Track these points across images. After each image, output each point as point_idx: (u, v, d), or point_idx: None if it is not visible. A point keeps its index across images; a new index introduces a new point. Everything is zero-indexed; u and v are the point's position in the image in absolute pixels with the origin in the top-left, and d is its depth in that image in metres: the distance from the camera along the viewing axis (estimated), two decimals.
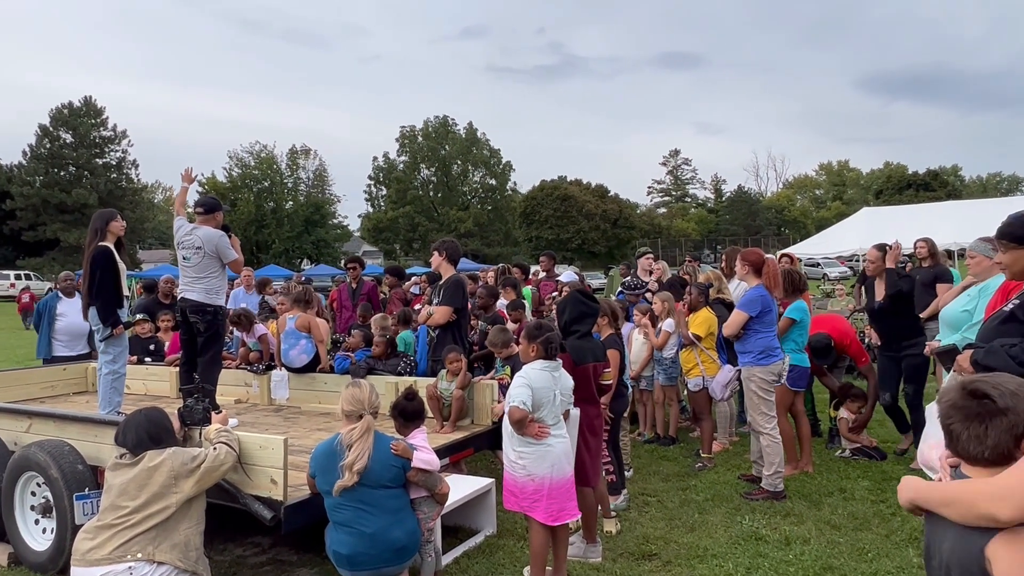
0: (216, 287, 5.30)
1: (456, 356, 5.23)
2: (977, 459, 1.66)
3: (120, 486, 3.39)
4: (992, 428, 1.62)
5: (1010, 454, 1.62)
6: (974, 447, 1.65)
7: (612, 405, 4.82)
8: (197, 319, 5.26)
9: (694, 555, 4.24)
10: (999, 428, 1.62)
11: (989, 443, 1.63)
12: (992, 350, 3.15)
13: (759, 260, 5.31)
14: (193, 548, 3.42)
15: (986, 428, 1.63)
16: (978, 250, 4.29)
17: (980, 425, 1.64)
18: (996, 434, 1.62)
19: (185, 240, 5.36)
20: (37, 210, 48.64)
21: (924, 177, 61.02)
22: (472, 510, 4.71)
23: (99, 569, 3.26)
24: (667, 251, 50.37)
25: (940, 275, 7.82)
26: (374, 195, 62.54)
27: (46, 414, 4.71)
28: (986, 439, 1.63)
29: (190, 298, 5.29)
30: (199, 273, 5.26)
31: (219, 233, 5.36)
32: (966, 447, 1.67)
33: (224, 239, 5.33)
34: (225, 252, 5.32)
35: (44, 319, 7.30)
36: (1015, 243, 3.20)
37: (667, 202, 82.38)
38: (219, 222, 5.50)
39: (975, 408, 1.65)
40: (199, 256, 5.26)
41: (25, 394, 6.54)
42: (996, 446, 1.62)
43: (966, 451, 1.68)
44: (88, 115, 52.00)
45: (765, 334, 5.17)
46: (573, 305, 4.34)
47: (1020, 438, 1.62)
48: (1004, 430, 1.61)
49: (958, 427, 1.68)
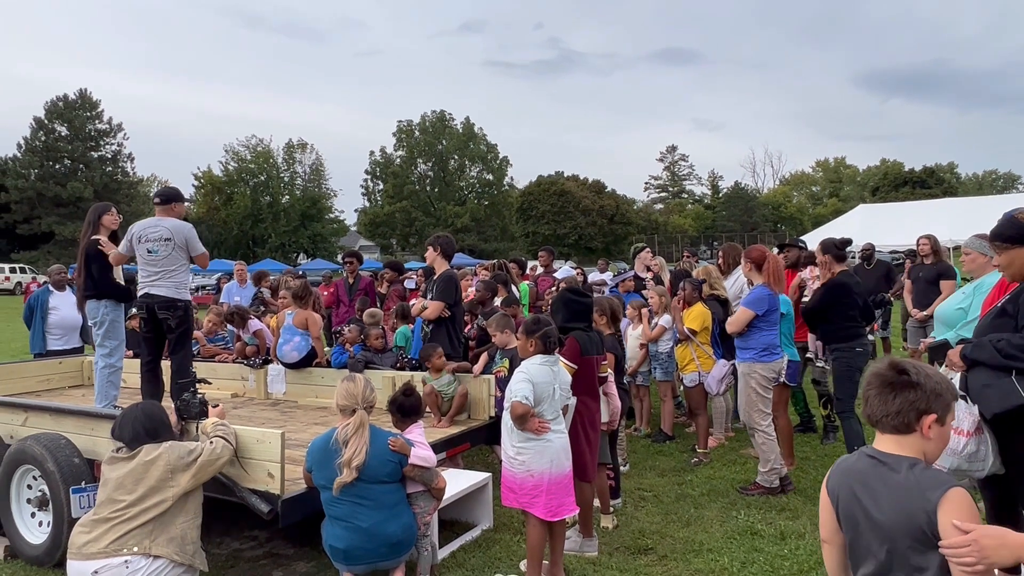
0: (184, 281, 5.08)
1: (439, 354, 5.25)
2: (881, 422, 1.86)
3: (116, 480, 3.39)
4: (899, 397, 1.83)
5: (910, 424, 1.82)
6: (879, 411, 1.85)
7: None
8: (167, 315, 4.98)
9: (690, 549, 4.26)
10: (905, 399, 1.82)
11: (893, 408, 1.83)
12: (979, 344, 3.22)
13: (761, 257, 5.31)
14: (190, 542, 3.43)
15: (894, 396, 1.83)
16: (973, 247, 4.30)
17: (891, 393, 1.84)
18: (901, 403, 1.82)
19: (149, 233, 4.98)
20: (32, 203, 48.45)
21: (920, 174, 61.15)
22: (469, 504, 4.72)
23: (95, 562, 3.26)
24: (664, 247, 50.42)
25: (943, 272, 7.80)
26: (371, 190, 62.48)
27: (42, 407, 4.71)
28: (891, 405, 1.83)
29: (158, 294, 4.95)
30: (168, 267, 4.96)
31: (188, 225, 5.10)
32: (874, 410, 1.87)
33: (193, 231, 5.09)
34: (194, 244, 5.05)
35: (36, 313, 7.27)
36: (1008, 243, 3.23)
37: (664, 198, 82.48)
38: (179, 214, 5.17)
39: (891, 377, 1.85)
40: (168, 248, 4.94)
41: (21, 388, 6.54)
42: (899, 413, 1.82)
43: (873, 413, 1.88)
44: (83, 108, 51.78)
45: (768, 332, 5.18)
46: (565, 305, 4.30)
47: (922, 413, 1.81)
48: (909, 402, 1.82)
49: (873, 391, 1.88)
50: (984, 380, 3.16)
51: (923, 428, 1.82)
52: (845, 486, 1.91)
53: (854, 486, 1.88)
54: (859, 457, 1.92)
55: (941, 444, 1.86)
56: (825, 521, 2.00)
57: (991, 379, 3.13)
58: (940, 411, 1.82)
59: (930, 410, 1.82)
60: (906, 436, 1.83)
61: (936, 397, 1.82)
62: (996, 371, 3.13)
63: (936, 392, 1.82)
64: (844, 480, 1.92)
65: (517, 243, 59.48)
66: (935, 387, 1.82)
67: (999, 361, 3.09)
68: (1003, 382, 3.09)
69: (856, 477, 1.89)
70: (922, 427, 1.82)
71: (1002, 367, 3.10)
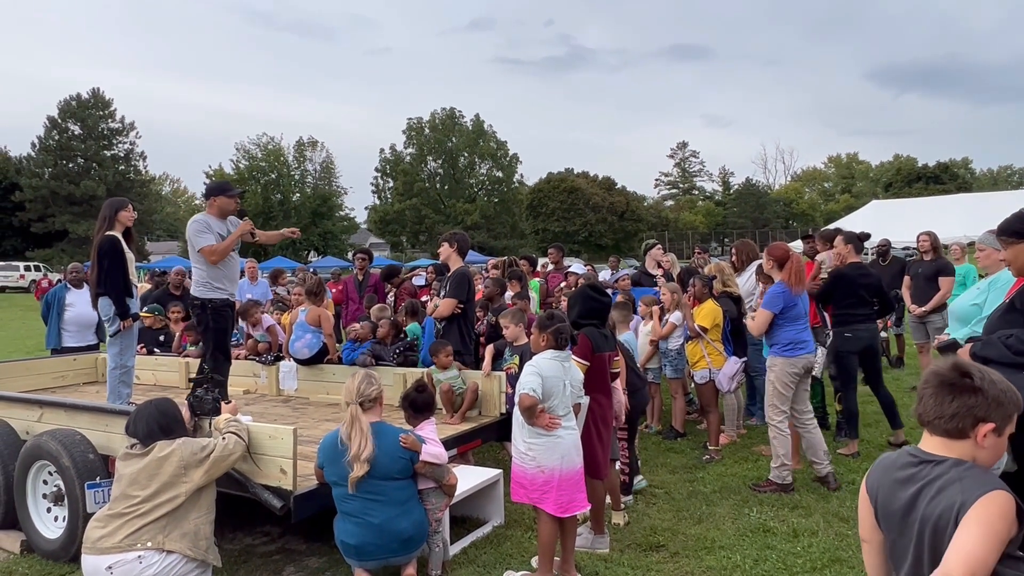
0: (205, 278, 4.85)
1: (447, 352, 5.26)
2: (933, 424, 1.75)
3: (131, 476, 3.42)
4: (958, 400, 1.71)
5: (964, 430, 1.71)
6: (934, 411, 1.74)
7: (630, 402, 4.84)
8: (192, 313, 5.06)
9: (702, 547, 4.24)
10: (964, 402, 1.71)
11: (949, 412, 1.72)
12: (989, 342, 3.17)
13: (784, 256, 5.31)
14: (203, 537, 3.44)
15: (952, 398, 1.72)
16: (987, 243, 4.27)
17: (949, 394, 1.73)
18: (959, 406, 1.71)
19: None
20: (46, 202, 48.85)
21: (934, 170, 60.58)
22: (480, 501, 4.72)
23: (110, 557, 3.28)
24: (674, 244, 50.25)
25: (942, 268, 7.93)
26: (381, 187, 62.60)
27: (57, 403, 4.75)
28: (948, 408, 1.72)
29: (190, 291, 5.12)
30: (193, 264, 4.93)
31: (195, 218, 4.94)
32: (927, 409, 1.76)
33: (196, 224, 4.87)
34: (194, 239, 4.84)
35: (53, 310, 7.34)
36: (1015, 238, 3.20)
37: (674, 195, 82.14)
38: (219, 207, 4.97)
39: (952, 379, 1.74)
40: (189, 245, 4.93)
41: (36, 384, 6.59)
42: (955, 416, 1.71)
43: (926, 413, 1.76)
44: (96, 107, 52.12)
45: (791, 327, 5.18)
46: (583, 301, 4.32)
47: (980, 420, 1.69)
48: (967, 406, 1.70)
49: (929, 391, 1.77)
50: None
51: (978, 436, 1.71)
52: (886, 484, 1.83)
53: (894, 483, 1.80)
54: (900, 454, 1.84)
55: (994, 456, 1.75)
56: (864, 519, 1.93)
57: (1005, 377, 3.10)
58: (999, 421, 1.71)
59: (989, 418, 1.71)
60: (957, 441, 1.73)
61: (998, 406, 1.71)
62: (1007, 368, 3.09)
63: (999, 401, 1.71)
64: (884, 477, 1.84)
65: (527, 240, 59.46)
66: (998, 395, 1.72)
67: (1009, 358, 3.05)
68: (1017, 379, 3.04)
69: (896, 474, 1.81)
70: (977, 435, 1.71)
71: (1013, 364, 3.07)
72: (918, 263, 8.29)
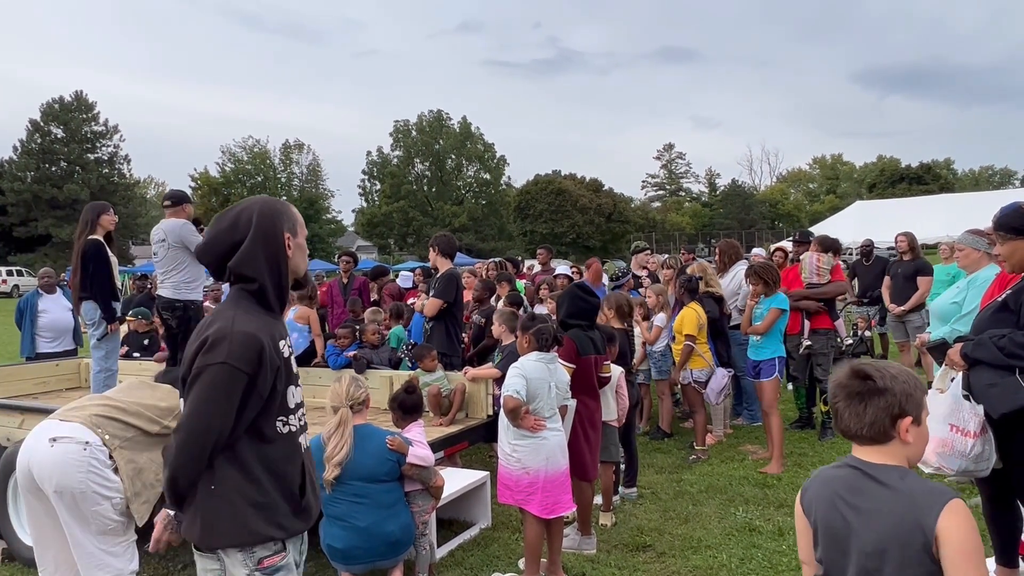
0: (185, 280, 5.08)
1: (432, 356, 5.26)
2: (857, 436, 1.73)
3: (130, 385, 3.39)
4: (871, 406, 1.70)
5: (886, 432, 1.70)
6: (854, 424, 1.72)
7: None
8: (168, 316, 5.10)
9: (688, 546, 4.26)
10: (877, 407, 1.69)
11: (867, 420, 1.70)
12: (980, 343, 3.17)
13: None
14: (145, 484, 3.11)
15: (865, 406, 1.71)
16: (967, 243, 4.31)
17: (860, 403, 1.71)
18: (874, 412, 1.70)
19: (153, 236, 5.23)
20: (28, 205, 48.33)
21: (917, 171, 61.10)
22: (467, 503, 4.72)
23: (64, 426, 3.01)
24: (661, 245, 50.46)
25: (921, 268, 8.09)
26: (368, 190, 62.40)
27: (39, 409, 4.69)
28: (864, 416, 1.71)
29: (161, 295, 5.14)
30: (167, 267, 5.07)
31: (181, 222, 5.13)
32: (847, 424, 1.74)
33: (188, 226, 5.09)
34: (191, 240, 5.03)
35: (26, 316, 7.26)
36: (1012, 234, 3.20)
37: (661, 196, 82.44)
38: (188, 214, 5.32)
39: (857, 387, 1.72)
40: (164, 249, 5.07)
41: (17, 390, 6.51)
42: (873, 423, 1.70)
43: (847, 428, 1.75)
44: (79, 110, 51.64)
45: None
46: (571, 300, 4.33)
47: (896, 418, 1.69)
48: (881, 409, 1.69)
49: (841, 405, 1.75)
50: (988, 379, 3.11)
51: (900, 432, 1.69)
52: (824, 499, 1.76)
53: (835, 500, 1.73)
54: (841, 467, 1.77)
55: (922, 444, 1.74)
56: (802, 540, 1.83)
57: (995, 378, 3.08)
58: (915, 411, 1.70)
59: (905, 413, 1.69)
60: (886, 445, 1.71)
61: (907, 397, 1.69)
62: (999, 370, 3.09)
63: (907, 392, 1.70)
64: (823, 492, 1.77)
65: (515, 242, 59.44)
66: (904, 387, 1.70)
67: (1001, 360, 3.04)
68: (1008, 381, 3.04)
69: (838, 490, 1.73)
70: (900, 432, 1.69)
71: (1004, 366, 3.07)
72: (897, 263, 8.42)
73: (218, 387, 1.92)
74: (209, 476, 1.95)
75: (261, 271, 2.05)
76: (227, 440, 1.95)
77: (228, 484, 1.95)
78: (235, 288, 2.08)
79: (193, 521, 1.97)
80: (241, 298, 2.06)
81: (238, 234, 2.05)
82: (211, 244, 2.09)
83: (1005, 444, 3.14)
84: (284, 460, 2.03)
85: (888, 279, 8.44)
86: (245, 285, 2.06)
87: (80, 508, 2.90)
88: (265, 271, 2.05)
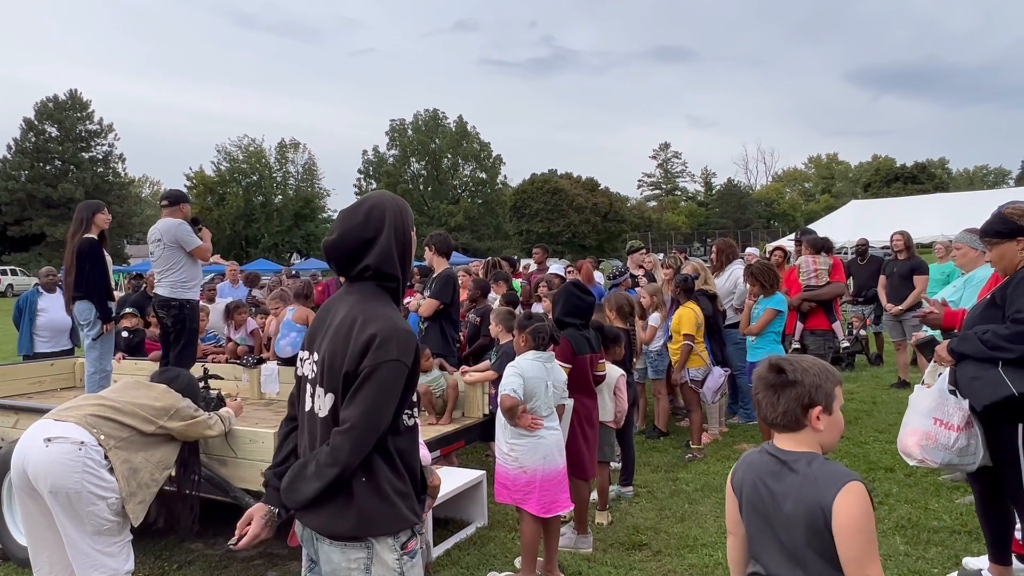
0: (182, 279, 5.12)
1: (427, 356, 5.26)
2: (774, 423, 1.91)
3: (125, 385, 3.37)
4: (783, 397, 1.87)
5: (799, 420, 1.86)
6: (770, 413, 1.90)
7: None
8: (163, 314, 5.14)
9: (684, 545, 4.27)
10: (788, 397, 1.86)
11: (780, 409, 1.87)
12: (965, 338, 3.24)
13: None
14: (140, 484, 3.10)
15: (779, 397, 1.87)
16: (964, 242, 4.34)
17: (775, 394, 1.88)
18: (786, 402, 1.86)
19: (150, 236, 5.27)
20: (23, 205, 48.17)
21: (912, 170, 61.32)
22: (463, 502, 4.72)
23: (59, 426, 2.99)
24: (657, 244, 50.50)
25: (916, 267, 8.12)
26: (364, 189, 62.33)
27: (34, 409, 4.67)
28: (778, 406, 1.87)
29: (157, 294, 5.19)
30: (163, 266, 5.11)
31: (177, 222, 5.16)
32: (765, 413, 1.92)
33: (183, 226, 5.13)
34: (186, 239, 5.10)
35: (25, 315, 7.22)
36: (999, 239, 3.26)
37: (657, 195, 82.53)
38: (185, 214, 5.34)
39: (772, 380, 1.89)
40: (160, 248, 5.10)
41: (12, 390, 6.48)
42: (786, 412, 1.86)
43: (766, 416, 1.92)
44: (73, 108, 51.49)
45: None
46: (566, 299, 4.33)
47: (807, 407, 1.85)
48: (792, 399, 1.85)
49: (760, 396, 1.92)
50: (972, 373, 3.18)
51: (812, 421, 1.85)
52: (748, 481, 1.94)
53: (756, 481, 1.92)
54: (761, 453, 1.96)
55: (835, 431, 1.89)
56: (730, 513, 2.03)
57: (979, 371, 3.15)
58: (824, 401, 1.85)
59: (814, 403, 1.85)
60: (799, 432, 1.87)
61: (816, 389, 1.85)
62: (983, 363, 3.14)
63: (816, 384, 1.85)
64: (747, 475, 1.96)
65: (511, 241, 59.44)
66: (813, 379, 1.85)
67: (985, 353, 3.11)
68: (990, 374, 3.10)
69: (758, 472, 1.92)
70: (811, 420, 1.85)
71: (988, 359, 3.12)
72: (893, 262, 8.46)
73: (391, 384, 1.98)
74: (358, 469, 2.00)
75: (397, 268, 2.10)
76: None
77: (380, 475, 2.01)
78: (371, 284, 2.10)
79: (343, 513, 2.00)
80: (380, 294, 2.09)
81: (370, 231, 2.07)
82: (344, 239, 2.09)
83: (991, 438, 3.18)
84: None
85: (884, 278, 8.47)
86: (385, 282, 2.10)
87: (75, 508, 2.90)
88: (399, 268, 2.11)
